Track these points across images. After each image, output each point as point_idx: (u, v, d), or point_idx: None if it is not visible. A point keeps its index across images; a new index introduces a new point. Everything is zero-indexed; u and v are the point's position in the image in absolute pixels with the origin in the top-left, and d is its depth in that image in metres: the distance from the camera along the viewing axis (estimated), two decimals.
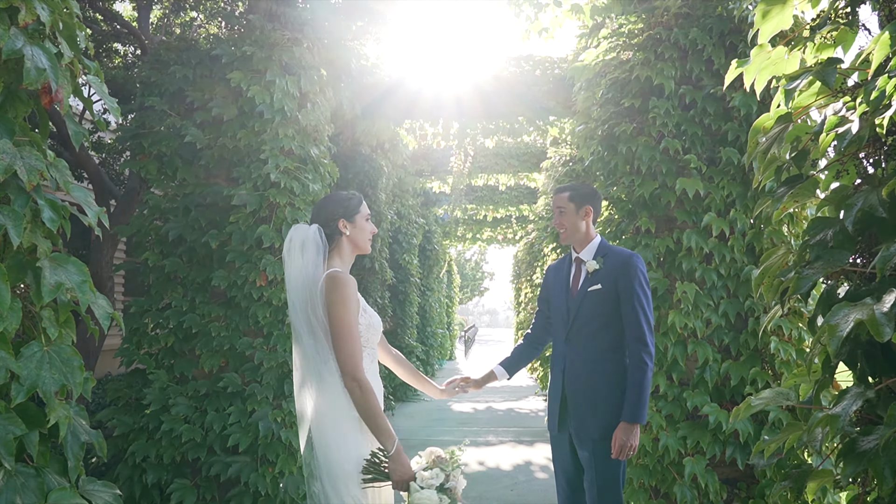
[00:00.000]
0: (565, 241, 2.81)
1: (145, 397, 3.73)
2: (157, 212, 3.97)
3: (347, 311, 2.06)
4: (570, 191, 2.79)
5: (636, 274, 2.63)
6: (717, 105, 3.83)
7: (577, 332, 2.69)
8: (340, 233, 2.24)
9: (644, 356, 2.57)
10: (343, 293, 2.07)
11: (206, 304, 3.92)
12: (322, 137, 4.41)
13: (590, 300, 2.67)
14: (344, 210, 2.26)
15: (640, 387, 2.55)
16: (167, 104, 4.03)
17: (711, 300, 3.73)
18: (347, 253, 2.27)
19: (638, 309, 2.59)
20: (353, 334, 2.05)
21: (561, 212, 2.79)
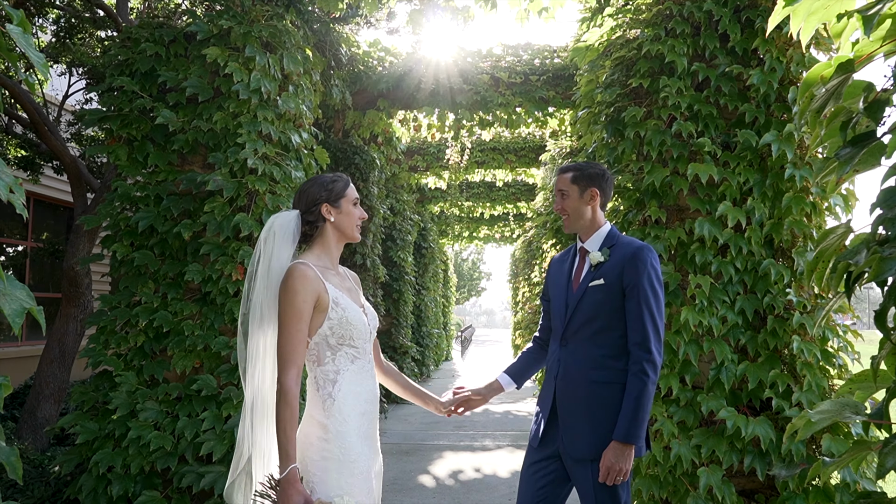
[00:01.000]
0: (569, 228, 2.44)
1: (111, 402, 3.42)
2: (127, 200, 3.66)
3: (290, 306, 1.87)
4: (573, 171, 2.42)
5: (645, 268, 2.25)
6: (732, 84, 3.54)
7: (575, 334, 2.33)
8: (324, 219, 2.04)
9: (646, 366, 2.19)
10: (289, 285, 1.89)
11: (178, 300, 3.61)
12: (306, 124, 4.10)
13: (590, 297, 2.30)
14: (328, 194, 2.05)
15: (638, 401, 2.17)
16: (138, 85, 3.72)
17: (727, 296, 3.44)
18: (332, 242, 2.07)
19: (643, 309, 2.22)
20: (290, 332, 1.86)
21: (563, 195, 2.42)
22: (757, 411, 3.41)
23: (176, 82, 3.70)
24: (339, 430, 1.92)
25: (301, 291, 1.89)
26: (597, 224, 2.43)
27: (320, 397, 1.95)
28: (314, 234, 2.05)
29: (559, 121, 7.32)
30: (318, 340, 1.98)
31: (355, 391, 2.02)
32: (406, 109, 7.25)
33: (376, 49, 7.02)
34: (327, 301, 1.96)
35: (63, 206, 9.76)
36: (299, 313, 1.88)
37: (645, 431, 2.21)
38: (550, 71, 7.01)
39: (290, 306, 1.87)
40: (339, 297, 1.99)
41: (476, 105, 6.96)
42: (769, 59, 3.43)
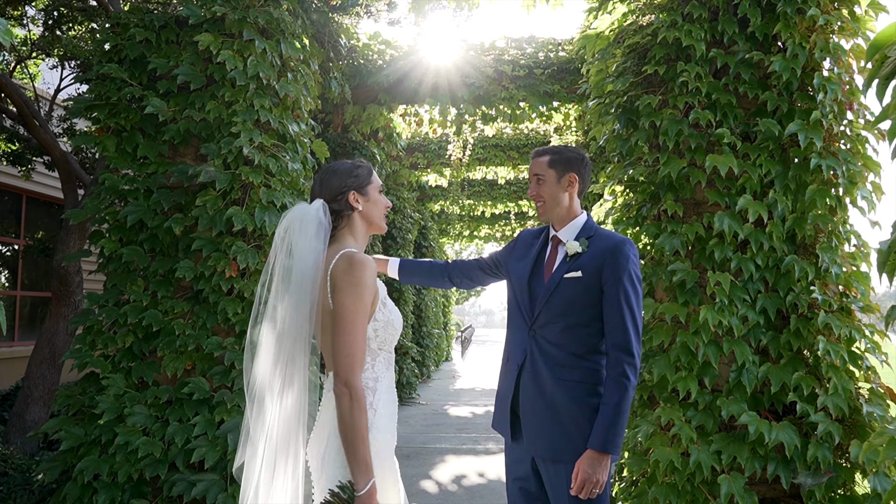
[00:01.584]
0: (544, 216, 2.26)
1: (98, 406, 3.24)
2: (115, 194, 3.48)
3: (358, 300, 1.70)
4: (551, 154, 2.26)
5: (626, 264, 2.10)
6: (752, 71, 3.36)
7: (544, 326, 2.15)
8: (351, 208, 1.89)
9: (627, 369, 2.04)
10: (358, 276, 1.71)
11: (169, 298, 3.43)
12: (304, 113, 3.92)
13: (564, 289, 2.13)
14: (355, 180, 1.91)
15: (618, 408, 2.01)
16: (127, 72, 3.54)
17: (747, 294, 3.26)
18: (361, 232, 1.92)
19: (624, 308, 2.06)
20: (357, 329, 1.69)
21: (539, 180, 2.24)
22: (779, 416, 3.24)
23: (167, 70, 3.51)
24: (376, 446, 1.75)
25: (370, 284, 1.73)
26: (573, 213, 2.26)
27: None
28: (340, 226, 1.89)
29: (564, 116, 7.14)
30: None
31: (388, 400, 1.88)
32: (407, 104, 7.07)
33: (377, 42, 6.84)
34: (377, 300, 1.81)
35: (57, 204, 9.57)
36: (366, 308, 1.72)
37: (622, 440, 2.04)
38: (555, 64, 6.83)
39: (358, 300, 1.69)
40: (385, 295, 1.85)
41: (479, 99, 6.79)
42: (791, 45, 3.25)
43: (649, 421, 3.25)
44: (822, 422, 3.02)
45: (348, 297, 1.69)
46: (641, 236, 3.51)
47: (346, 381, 1.65)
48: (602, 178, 4.10)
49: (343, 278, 1.71)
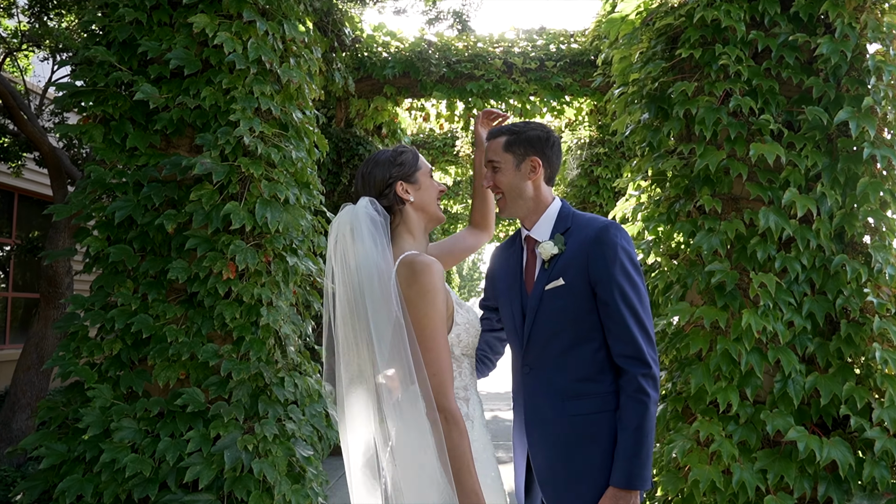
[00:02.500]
0: (505, 211, 1.88)
1: (82, 419, 2.95)
2: (102, 188, 3.19)
3: (433, 310, 1.51)
4: (507, 134, 1.85)
5: (615, 254, 1.70)
6: (796, 55, 3.08)
7: (540, 355, 1.75)
8: (402, 201, 1.69)
9: (643, 382, 1.66)
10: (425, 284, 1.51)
11: (160, 301, 3.14)
12: (307, 101, 3.64)
13: (550, 303, 1.74)
14: (400, 169, 1.70)
15: (639, 432, 1.65)
16: (115, 56, 3.25)
17: (793, 297, 2.98)
18: (418, 227, 1.71)
19: (623, 309, 1.68)
20: (439, 343, 1.50)
21: (494, 167, 1.85)
22: (828, 430, 2.96)
23: (159, 53, 3.23)
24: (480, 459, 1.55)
25: (440, 288, 1.54)
26: (542, 204, 1.86)
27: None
28: (393, 224, 1.69)
29: (576, 110, 6.87)
30: None
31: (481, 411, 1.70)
32: (413, 98, 6.80)
33: (381, 33, 6.57)
34: (451, 303, 1.61)
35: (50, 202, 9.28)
36: (443, 317, 1.53)
37: (650, 470, 1.68)
38: (567, 56, 6.57)
39: (432, 310, 1.49)
40: (455, 296, 1.66)
41: (488, 93, 6.52)
42: (840, 26, 2.98)
43: (685, 436, 2.97)
44: (879, 438, 2.74)
45: (421, 309, 1.48)
46: (674, 234, 3.23)
47: (440, 404, 1.44)
48: (626, 171, 3.82)
49: (410, 289, 1.50)
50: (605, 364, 1.74)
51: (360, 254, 1.54)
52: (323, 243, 3.78)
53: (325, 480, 3.45)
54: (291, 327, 3.36)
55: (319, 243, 3.75)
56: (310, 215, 3.57)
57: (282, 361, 3.27)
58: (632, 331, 1.68)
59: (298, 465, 3.16)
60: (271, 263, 3.25)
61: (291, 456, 3.10)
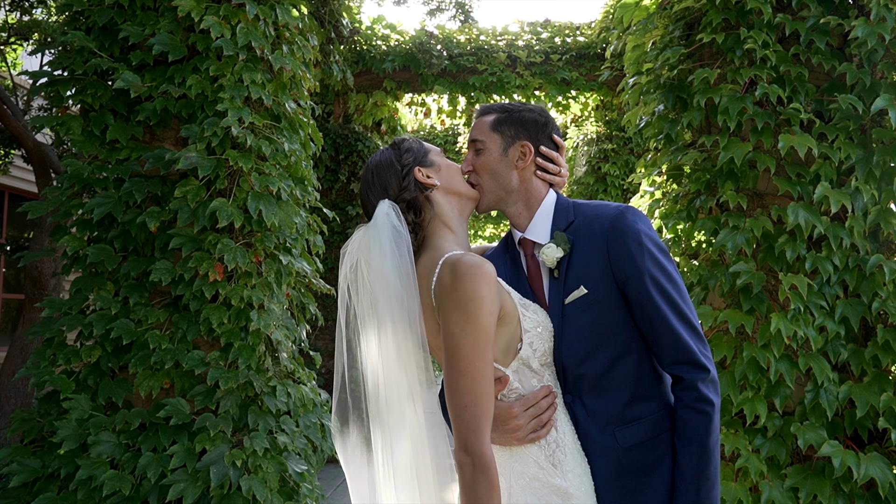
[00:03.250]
0: (484, 205, 1.56)
1: (57, 432, 2.73)
2: (80, 183, 2.97)
3: (472, 326, 1.22)
4: (498, 112, 1.56)
5: (640, 242, 1.41)
6: (827, 39, 2.86)
7: (575, 380, 1.45)
8: (426, 188, 1.46)
9: (703, 388, 1.38)
10: (468, 291, 1.23)
11: (143, 305, 2.92)
12: (302, 91, 3.42)
13: (576, 320, 1.43)
14: (410, 155, 1.46)
15: (703, 448, 1.38)
16: (95, 42, 3.03)
17: (825, 300, 2.76)
18: (455, 216, 1.48)
19: (664, 307, 1.39)
20: (477, 368, 1.22)
21: (476, 147, 1.55)
22: (862, 443, 2.74)
23: (141, 39, 3.01)
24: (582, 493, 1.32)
25: (487, 297, 1.24)
26: (534, 198, 1.54)
27: (543, 450, 1.35)
28: (426, 220, 1.43)
29: (583, 105, 6.65)
30: (518, 367, 1.36)
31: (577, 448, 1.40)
32: (413, 92, 6.59)
33: (381, 25, 6.36)
34: (513, 306, 1.33)
35: None
36: (486, 334, 1.24)
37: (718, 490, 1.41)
38: (573, 50, 6.36)
39: (470, 324, 1.21)
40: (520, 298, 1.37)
41: (491, 87, 6.31)
42: (876, 7, 2.75)
43: None
44: None
45: (458, 324, 1.21)
46: (695, 233, 3.01)
47: (470, 445, 1.18)
48: (640, 166, 3.60)
49: (448, 297, 1.23)
50: (652, 376, 1.47)
51: (376, 271, 1.29)
52: (319, 242, 3.56)
53: (322, 495, 3.23)
54: (284, 332, 3.14)
55: (315, 242, 3.53)
56: (304, 212, 3.35)
57: (273, 369, 3.05)
58: (678, 331, 1.40)
59: (291, 480, 2.94)
60: (262, 264, 3.03)
61: (284, 471, 2.88)
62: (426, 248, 1.41)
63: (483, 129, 1.55)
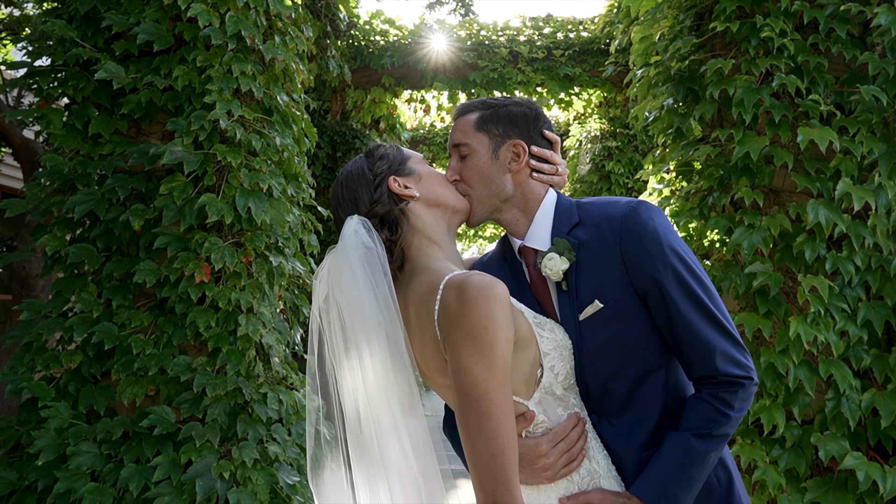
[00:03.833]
0: (477, 219, 1.38)
1: (34, 442, 2.58)
2: (60, 179, 2.82)
3: (491, 360, 1.04)
4: (481, 109, 1.38)
5: (658, 241, 1.24)
6: (848, 27, 2.71)
7: (599, 402, 1.29)
8: (402, 200, 1.29)
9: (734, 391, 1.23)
10: (481, 319, 1.05)
11: (126, 308, 2.77)
12: (296, 84, 3.27)
13: (594, 337, 1.26)
14: (384, 163, 1.29)
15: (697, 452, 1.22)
16: (77, 31, 2.88)
17: (846, 303, 2.61)
18: (440, 230, 1.30)
19: (692, 311, 1.22)
20: (499, 409, 1.05)
21: (461, 153, 1.37)
22: (886, 454, 2.59)
23: (125, 28, 2.86)
24: None
25: (502, 324, 1.06)
26: (532, 201, 1.36)
27: (575, 484, 1.20)
28: (403, 237, 1.25)
29: (586, 102, 6.51)
30: (542, 397, 1.19)
31: (606, 457, 1.25)
32: (413, 89, 6.44)
33: (379, 20, 6.21)
34: (529, 328, 1.17)
35: None
36: (505, 366, 1.06)
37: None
38: (576, 45, 6.21)
39: (486, 359, 1.04)
40: (534, 316, 1.20)
41: (492, 83, 6.17)
42: None
43: None
44: None
45: (471, 357, 1.04)
46: (707, 232, 2.87)
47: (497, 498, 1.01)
48: (648, 163, 3.45)
49: (457, 327, 1.05)
50: (684, 389, 1.32)
51: (351, 298, 1.12)
52: (314, 242, 3.41)
53: None
54: (276, 336, 2.99)
55: (310, 242, 3.38)
56: (298, 210, 3.20)
57: (265, 374, 2.90)
58: (707, 337, 1.22)
59: (283, 492, 2.79)
60: (252, 264, 2.88)
61: (275, 483, 2.73)
62: (417, 270, 1.23)
63: (466, 130, 1.36)
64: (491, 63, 6.10)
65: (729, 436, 1.26)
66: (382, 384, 1.12)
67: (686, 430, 1.23)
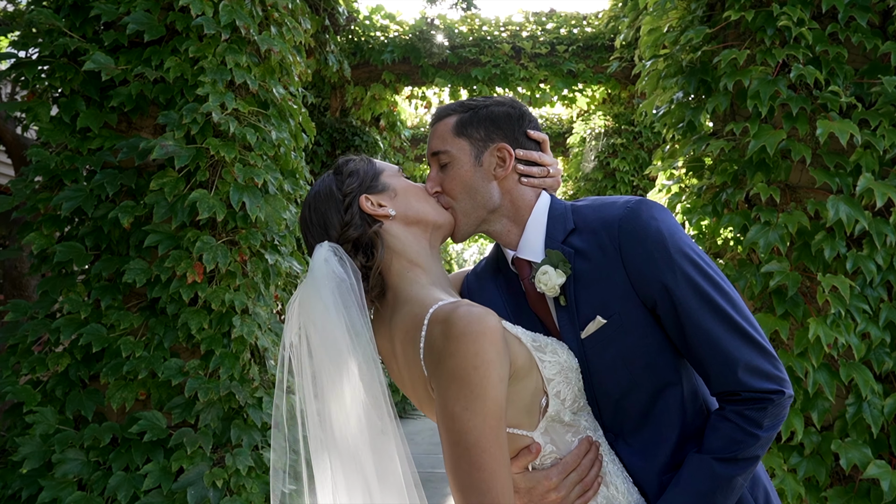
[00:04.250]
0: (463, 234, 1.25)
1: (18, 449, 2.47)
2: (46, 175, 2.71)
3: (482, 403, 0.93)
4: (459, 112, 1.25)
5: (663, 245, 1.11)
6: (868, 16, 2.60)
7: (612, 421, 1.18)
8: (376, 220, 1.16)
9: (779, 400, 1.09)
10: (469, 358, 0.93)
11: (116, 309, 2.66)
12: (292, 77, 3.16)
13: (600, 356, 1.15)
14: (354, 181, 1.17)
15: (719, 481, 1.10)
16: (64, 21, 2.77)
17: (867, 304, 2.50)
18: (421, 248, 1.17)
19: (709, 319, 1.09)
20: (493, 457, 0.94)
21: (443, 165, 1.23)
22: None
23: (115, 17, 2.75)
24: None
25: (495, 362, 0.95)
26: (522, 208, 1.23)
27: None
28: (381, 262, 1.13)
29: (590, 99, 6.40)
30: (548, 426, 1.08)
31: (626, 479, 1.14)
32: (413, 85, 6.33)
33: (379, 15, 6.10)
34: (527, 355, 1.05)
35: None
36: (498, 408, 0.95)
37: None
38: (580, 40, 6.10)
39: (477, 403, 0.93)
40: (531, 335, 1.08)
41: (494, 79, 6.06)
42: None
43: None
44: None
45: (459, 401, 0.93)
46: (721, 230, 2.75)
47: None
48: (657, 159, 3.34)
49: (443, 367, 0.94)
50: (707, 400, 1.21)
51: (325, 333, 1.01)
52: None
53: None
54: (272, 338, 2.88)
55: None
56: (294, 207, 3.09)
57: (259, 378, 2.79)
58: (731, 350, 1.08)
59: None
60: (247, 263, 2.77)
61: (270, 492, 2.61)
62: (400, 300, 1.11)
63: (444, 137, 1.23)
64: (493, 59, 6.00)
65: (759, 457, 1.14)
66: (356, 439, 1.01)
67: (708, 454, 1.11)
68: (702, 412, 1.19)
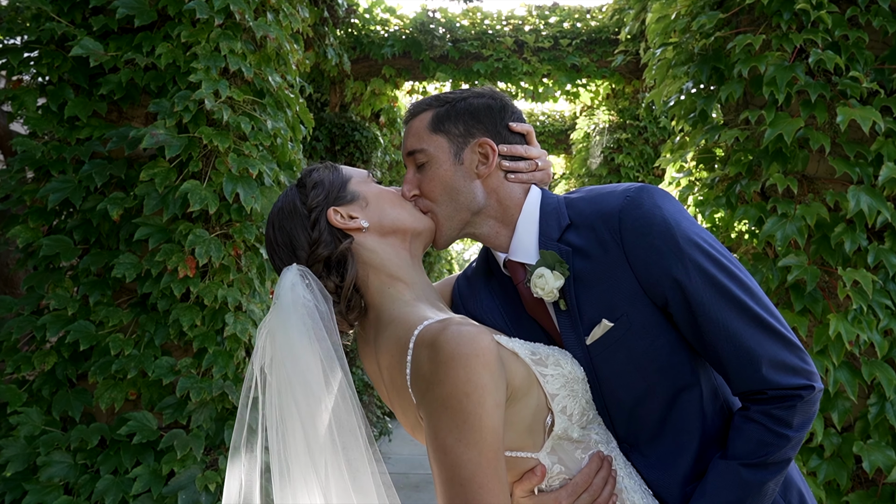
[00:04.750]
0: (446, 240, 1.15)
1: (1, 452, 2.36)
2: (32, 166, 2.60)
3: (477, 433, 0.83)
4: (435, 106, 1.15)
5: (670, 235, 1.01)
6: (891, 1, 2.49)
7: (626, 431, 1.09)
8: (345, 235, 1.05)
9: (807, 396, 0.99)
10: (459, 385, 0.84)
11: (105, 305, 2.55)
12: (290, 66, 3.05)
13: (608, 362, 1.05)
14: (318, 194, 1.07)
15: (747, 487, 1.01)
16: (52, 6, 2.66)
17: (890, 299, 2.39)
18: (401, 260, 1.07)
19: (726, 312, 0.99)
20: (490, 493, 0.83)
21: (419, 165, 1.14)
22: None
23: (104, 2, 2.64)
24: None
25: (489, 387, 0.85)
26: (510, 208, 1.13)
27: None
28: (357, 281, 1.04)
29: (594, 94, 6.29)
30: (555, 445, 0.99)
31: (644, 489, 1.05)
32: (414, 80, 6.22)
33: (379, 9, 5.99)
34: (525, 373, 0.95)
35: None
36: (494, 437, 0.85)
37: None
38: (584, 34, 5.99)
39: (471, 434, 0.83)
40: (530, 346, 0.98)
41: (497, 74, 5.95)
42: None
43: None
44: None
45: (451, 433, 0.83)
46: (735, 222, 2.65)
47: None
48: (666, 150, 3.23)
49: (431, 394, 0.85)
50: (728, 399, 1.11)
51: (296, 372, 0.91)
52: None
53: None
54: None
55: None
56: None
57: None
58: (752, 345, 0.99)
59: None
60: (241, 257, 2.66)
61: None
62: (383, 321, 1.01)
63: (420, 134, 1.13)
64: (495, 53, 5.89)
65: (791, 460, 1.03)
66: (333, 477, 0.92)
67: (735, 459, 1.01)
68: (723, 411, 1.09)
